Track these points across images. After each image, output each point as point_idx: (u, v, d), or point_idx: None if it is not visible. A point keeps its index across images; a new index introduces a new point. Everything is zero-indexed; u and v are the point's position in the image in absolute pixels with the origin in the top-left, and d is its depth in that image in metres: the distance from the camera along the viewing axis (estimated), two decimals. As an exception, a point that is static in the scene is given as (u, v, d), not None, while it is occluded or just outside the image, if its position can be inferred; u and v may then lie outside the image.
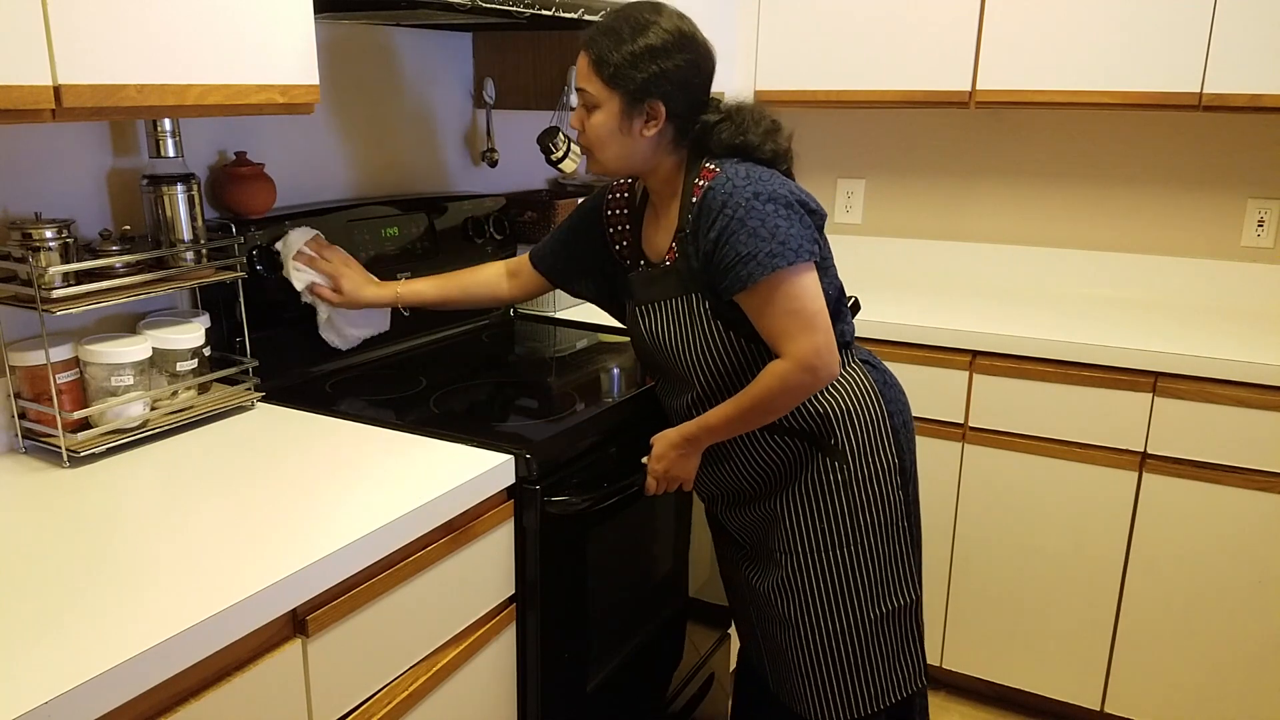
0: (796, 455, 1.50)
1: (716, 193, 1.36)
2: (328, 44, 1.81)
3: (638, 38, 1.36)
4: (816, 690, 1.56)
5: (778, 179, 1.39)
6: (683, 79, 1.38)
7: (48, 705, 0.82)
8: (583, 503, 1.44)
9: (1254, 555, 2.01)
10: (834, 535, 1.50)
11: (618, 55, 1.36)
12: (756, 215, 1.33)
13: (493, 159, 2.19)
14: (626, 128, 1.39)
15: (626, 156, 1.43)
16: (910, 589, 1.56)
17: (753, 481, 1.54)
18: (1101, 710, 2.24)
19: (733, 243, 1.34)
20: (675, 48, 1.37)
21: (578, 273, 1.69)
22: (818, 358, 1.36)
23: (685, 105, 1.40)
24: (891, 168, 2.81)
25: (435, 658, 1.30)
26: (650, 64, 1.35)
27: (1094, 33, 2.18)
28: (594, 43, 1.38)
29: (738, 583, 1.67)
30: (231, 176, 1.62)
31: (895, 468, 1.52)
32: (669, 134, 1.42)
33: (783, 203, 1.35)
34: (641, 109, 1.38)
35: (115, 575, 1.02)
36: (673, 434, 1.49)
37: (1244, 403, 1.96)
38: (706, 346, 1.44)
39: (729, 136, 1.41)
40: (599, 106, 1.39)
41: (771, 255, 1.32)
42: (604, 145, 1.42)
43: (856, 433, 1.48)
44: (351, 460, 1.35)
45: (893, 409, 1.53)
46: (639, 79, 1.36)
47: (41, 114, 1.06)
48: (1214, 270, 2.46)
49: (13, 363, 1.35)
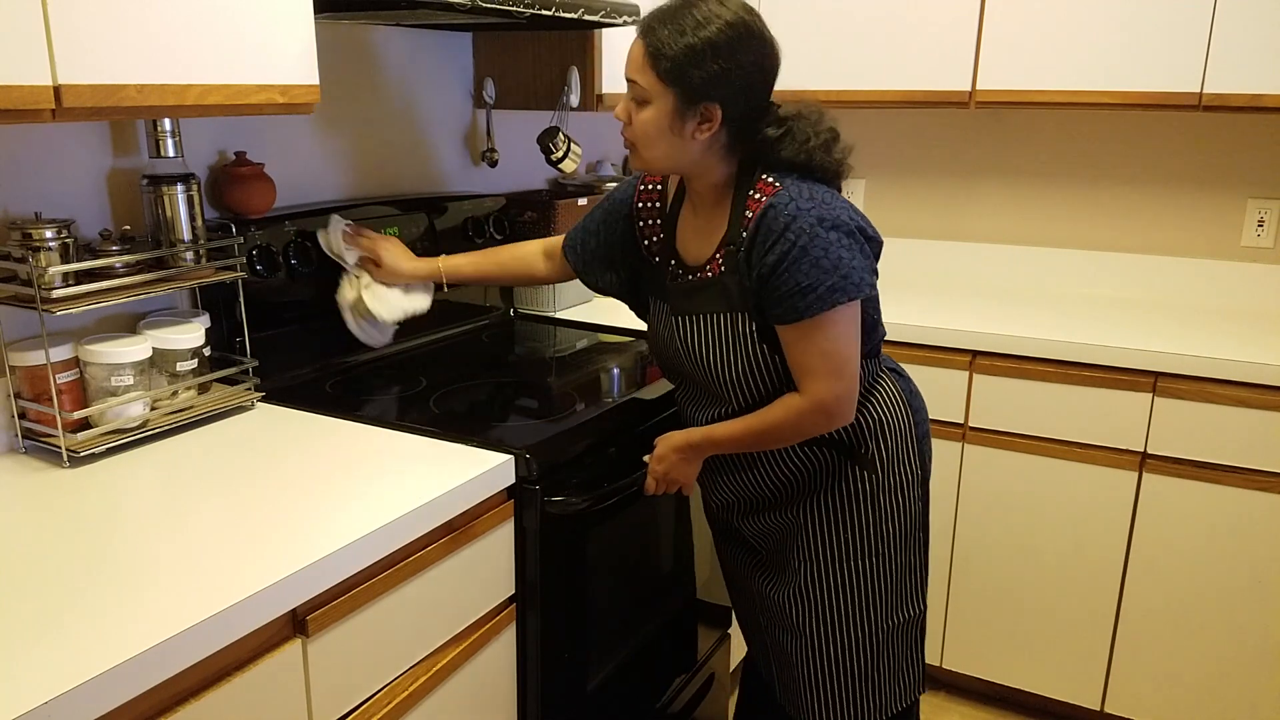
0: (825, 464, 1.47)
1: (779, 213, 1.27)
2: (328, 44, 1.81)
3: (700, 30, 1.23)
4: (823, 701, 1.55)
5: (840, 203, 1.31)
6: (745, 81, 1.27)
7: (48, 705, 0.82)
8: (583, 503, 1.44)
9: (1254, 555, 2.01)
10: (856, 545, 1.48)
11: (676, 48, 1.23)
12: (820, 244, 1.25)
13: (493, 159, 2.19)
14: (678, 128, 1.28)
15: (674, 157, 1.32)
16: (920, 600, 1.55)
17: (775, 489, 1.51)
18: (1101, 710, 2.24)
19: (793, 271, 1.26)
20: (740, 46, 1.25)
21: (604, 266, 1.61)
22: (836, 405, 1.33)
23: (744, 110, 1.30)
24: (891, 168, 2.81)
25: (435, 658, 1.30)
26: (711, 62, 1.24)
27: (1094, 33, 2.18)
28: (651, 31, 1.26)
29: (748, 590, 1.64)
30: (231, 176, 1.62)
31: (919, 478, 1.50)
32: (722, 139, 1.31)
33: (846, 231, 1.28)
34: (696, 110, 1.27)
35: (115, 575, 1.02)
36: (677, 437, 1.47)
37: (1244, 403, 1.96)
38: (747, 367, 1.38)
39: (790, 154, 1.31)
40: (649, 102, 1.28)
41: (833, 290, 1.26)
42: (651, 143, 1.31)
43: (886, 442, 1.46)
44: (351, 460, 1.35)
45: (918, 418, 1.51)
46: (697, 78, 1.24)
47: (41, 114, 1.06)
48: (1214, 270, 2.46)
49: (13, 363, 1.35)
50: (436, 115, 2.11)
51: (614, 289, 1.63)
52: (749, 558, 1.63)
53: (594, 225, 1.61)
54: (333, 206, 1.79)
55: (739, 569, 1.66)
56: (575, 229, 1.65)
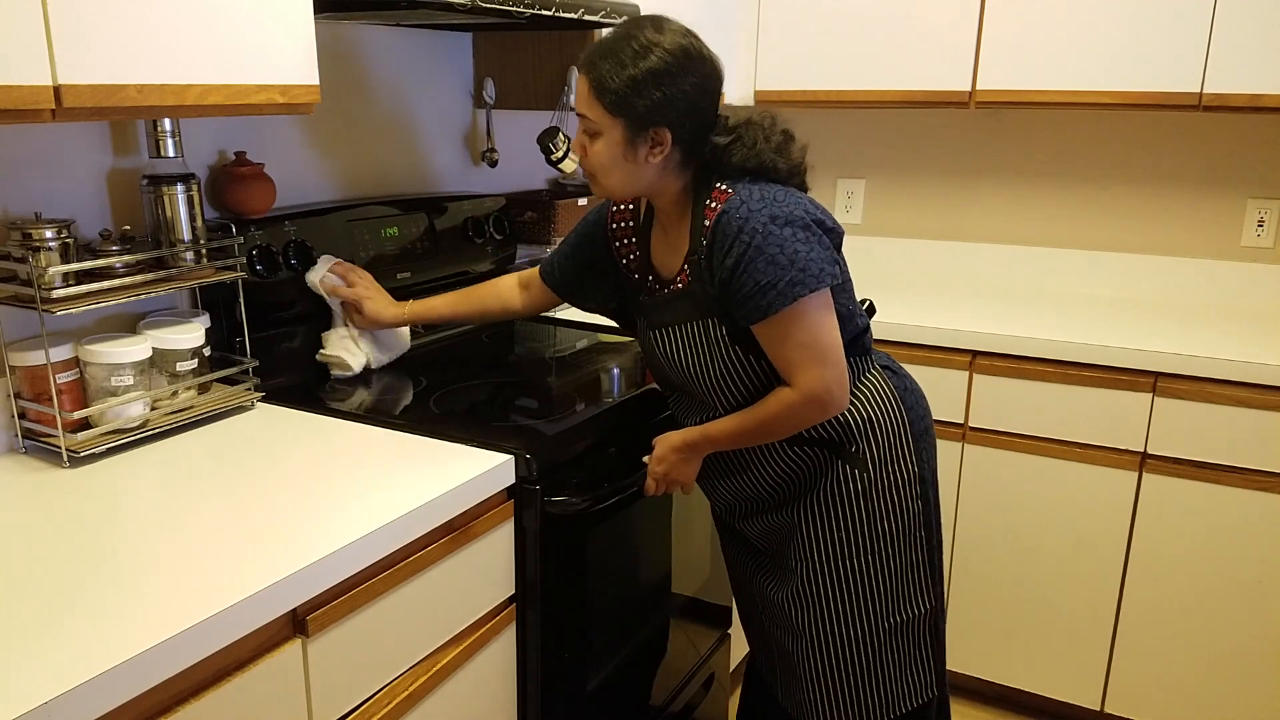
0: (816, 463, 1.48)
1: (732, 216, 1.31)
2: (328, 44, 1.81)
3: (640, 61, 1.28)
4: (825, 701, 1.55)
5: (793, 197, 1.34)
6: (689, 103, 1.31)
7: (48, 705, 0.82)
8: (583, 503, 1.44)
9: (1254, 555, 2.01)
10: (851, 544, 1.48)
11: (618, 81, 1.28)
12: (775, 241, 1.29)
13: (493, 159, 2.19)
14: (631, 155, 1.33)
15: (631, 181, 1.37)
16: (925, 598, 1.54)
17: (771, 490, 1.52)
18: (1101, 710, 2.24)
19: (751, 271, 1.29)
20: (680, 70, 1.29)
21: (587, 286, 1.66)
22: (827, 393, 1.34)
23: (693, 129, 1.34)
24: (891, 168, 2.81)
25: (435, 658, 1.30)
26: (654, 90, 1.28)
27: (1094, 33, 2.18)
28: (593, 66, 1.31)
29: (751, 591, 1.65)
30: (231, 176, 1.62)
31: (915, 476, 1.50)
32: (675, 157, 1.36)
33: (800, 225, 1.31)
34: (646, 136, 1.32)
35: (115, 575, 1.02)
36: (675, 437, 1.48)
37: (1244, 403, 1.96)
38: (726, 371, 1.41)
39: (741, 159, 1.35)
40: (601, 133, 1.33)
41: (792, 284, 1.28)
42: (608, 171, 1.36)
43: (876, 440, 1.47)
44: (351, 460, 1.35)
45: (913, 416, 1.51)
46: (642, 106, 1.29)
47: (41, 114, 1.06)
48: (1214, 270, 2.46)
49: (13, 363, 1.35)
50: (436, 115, 2.11)
51: (600, 308, 1.69)
52: (752, 560, 1.63)
53: (569, 249, 1.66)
54: (333, 206, 1.79)
55: (743, 571, 1.66)
56: (551, 255, 1.70)
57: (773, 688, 1.68)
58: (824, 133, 2.87)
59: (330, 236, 1.75)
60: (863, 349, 1.49)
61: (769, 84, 2.55)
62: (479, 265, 2.10)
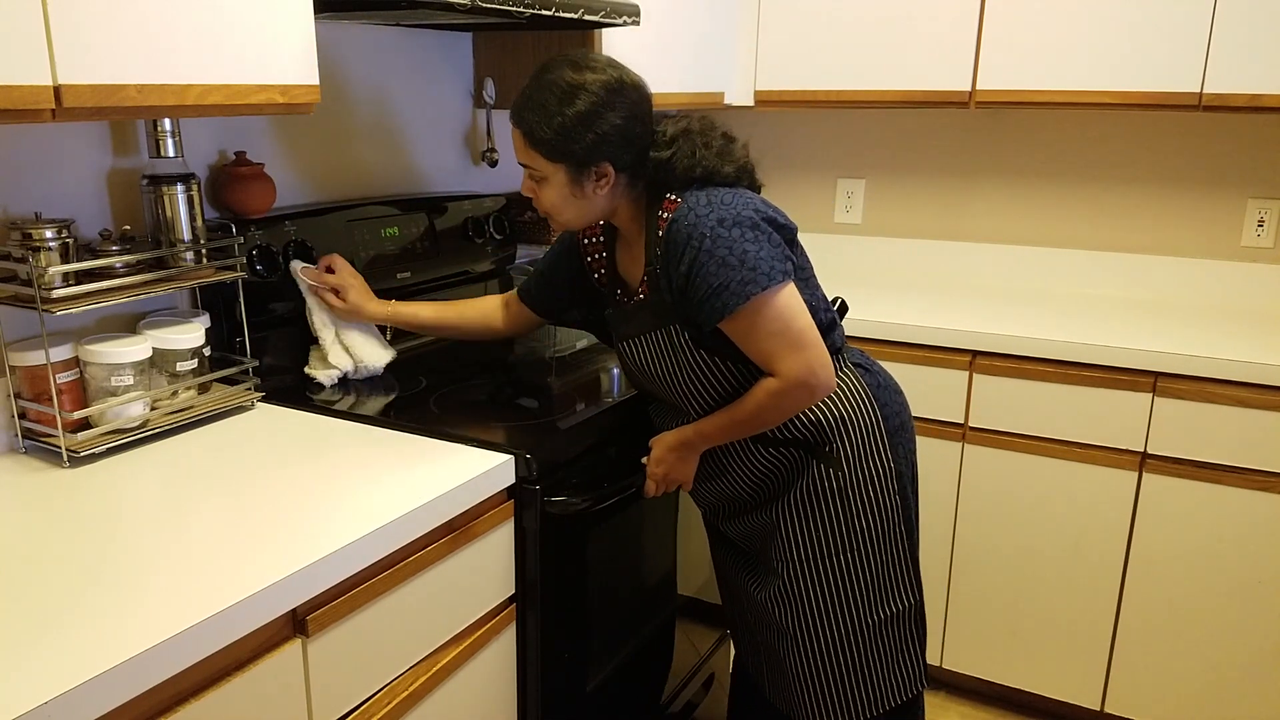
0: (793, 464, 1.50)
1: (680, 224, 1.33)
2: (328, 44, 1.81)
3: (565, 107, 1.30)
4: (813, 697, 1.56)
5: (741, 199, 1.35)
6: (622, 135, 1.34)
7: (48, 705, 0.82)
8: (583, 503, 1.44)
9: (1254, 555, 2.01)
10: (830, 542, 1.50)
11: (549, 130, 1.31)
12: (724, 243, 1.31)
13: (493, 159, 2.19)
14: (579, 192, 1.37)
15: (585, 214, 1.41)
16: (909, 593, 1.55)
17: (751, 491, 1.54)
18: (1101, 710, 2.24)
19: (704, 275, 1.32)
20: (607, 106, 1.31)
21: (565, 304, 1.69)
22: (812, 375, 1.35)
23: (632, 155, 1.37)
24: (891, 168, 2.81)
25: (435, 658, 1.30)
26: (586, 132, 1.31)
27: (1094, 33, 2.18)
28: (521, 118, 1.34)
29: (736, 591, 1.66)
30: (231, 176, 1.62)
31: (891, 472, 1.51)
32: (623, 182, 1.39)
33: (748, 224, 1.33)
34: (590, 173, 1.35)
35: (115, 575, 1.02)
36: (670, 437, 1.49)
37: (1244, 403, 1.96)
38: (694, 375, 1.43)
39: (684, 169, 1.37)
40: (546, 179, 1.37)
41: (744, 283, 1.30)
42: (560, 210, 1.40)
43: (851, 439, 1.48)
44: (351, 460, 1.35)
45: (887, 412, 1.52)
46: (579, 149, 1.32)
47: (41, 114, 1.06)
48: (1214, 270, 2.46)
49: (13, 363, 1.35)
50: (436, 115, 2.11)
51: (581, 322, 1.72)
52: (737, 560, 1.64)
53: (545, 268, 1.69)
54: (333, 206, 1.80)
55: (729, 571, 1.67)
56: (529, 278, 1.72)
57: (761, 686, 1.68)
58: (824, 133, 2.87)
59: (330, 236, 1.75)
60: (833, 347, 1.50)
61: (769, 84, 2.55)
62: (479, 265, 2.10)
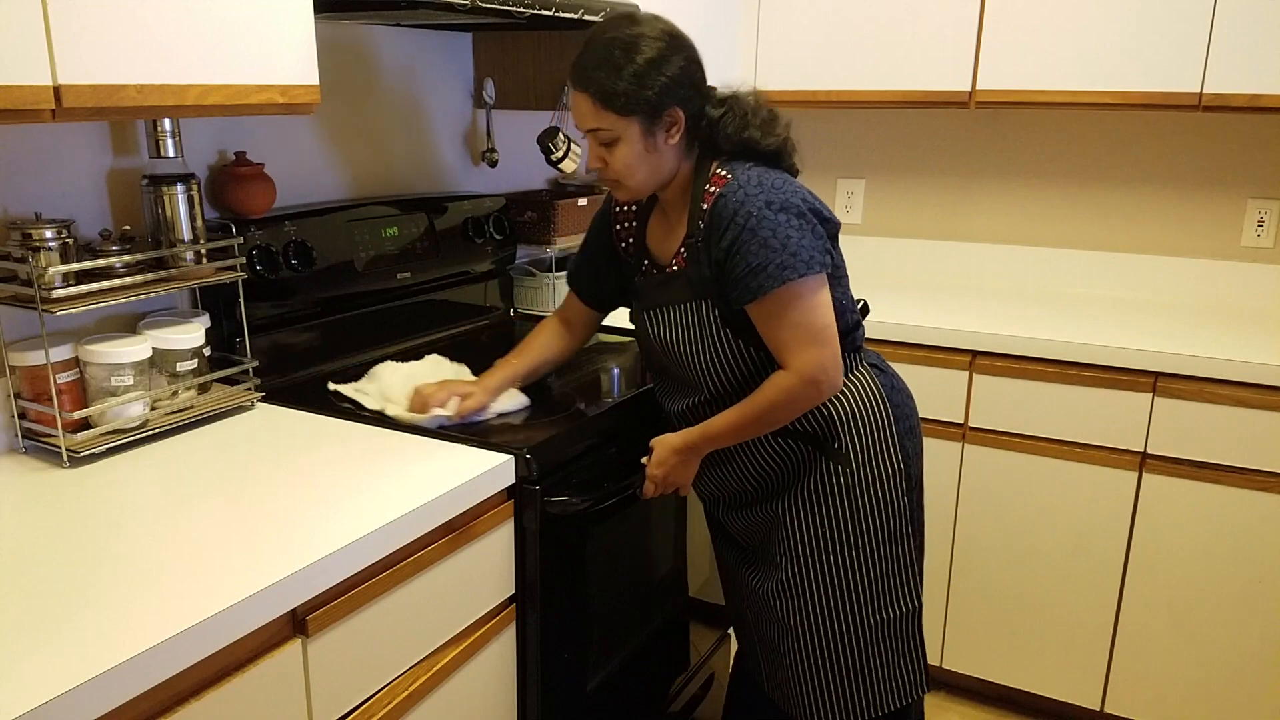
0: (800, 458, 1.49)
1: (729, 200, 1.34)
2: (328, 44, 1.81)
3: (635, 56, 1.32)
4: (812, 696, 1.56)
5: (790, 185, 1.37)
6: (689, 78, 1.37)
7: (48, 705, 0.82)
8: (583, 503, 1.44)
9: (1254, 555, 2.01)
10: (835, 539, 1.49)
11: (623, 82, 1.32)
12: (768, 225, 1.32)
13: (493, 159, 2.19)
14: (652, 145, 1.37)
15: (655, 174, 1.41)
16: (911, 597, 1.55)
17: (755, 483, 1.53)
18: (1101, 710, 2.24)
19: (744, 253, 1.33)
20: (671, 49, 1.34)
21: (611, 284, 1.65)
22: (822, 372, 1.35)
23: (697, 103, 1.39)
24: (891, 168, 2.81)
25: (435, 658, 1.30)
26: (658, 76, 1.33)
27: (1094, 33, 2.18)
28: (589, 80, 1.34)
29: (737, 585, 1.66)
30: (231, 176, 1.62)
31: (900, 473, 1.50)
32: (684, 135, 1.40)
33: (795, 212, 1.34)
34: (662, 121, 1.36)
35: (115, 575, 1.02)
36: (674, 439, 1.48)
37: (1244, 403, 1.96)
38: (716, 354, 1.43)
39: (734, 130, 1.39)
40: (618, 138, 1.36)
41: (782, 267, 1.31)
42: (633, 172, 1.39)
43: (861, 437, 1.48)
44: (351, 460, 1.35)
45: (899, 414, 1.52)
46: (652, 95, 1.33)
47: (41, 114, 1.06)
48: (1214, 270, 2.46)
49: (13, 363, 1.35)
50: (436, 115, 2.11)
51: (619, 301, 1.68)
52: (738, 554, 1.64)
53: (586, 252, 1.67)
54: (333, 206, 1.79)
55: (730, 565, 1.67)
56: (572, 267, 1.70)
57: (761, 683, 1.68)
58: (824, 133, 2.87)
59: (330, 236, 1.75)
60: (853, 345, 1.51)
61: (769, 84, 2.55)
62: (479, 265, 2.10)
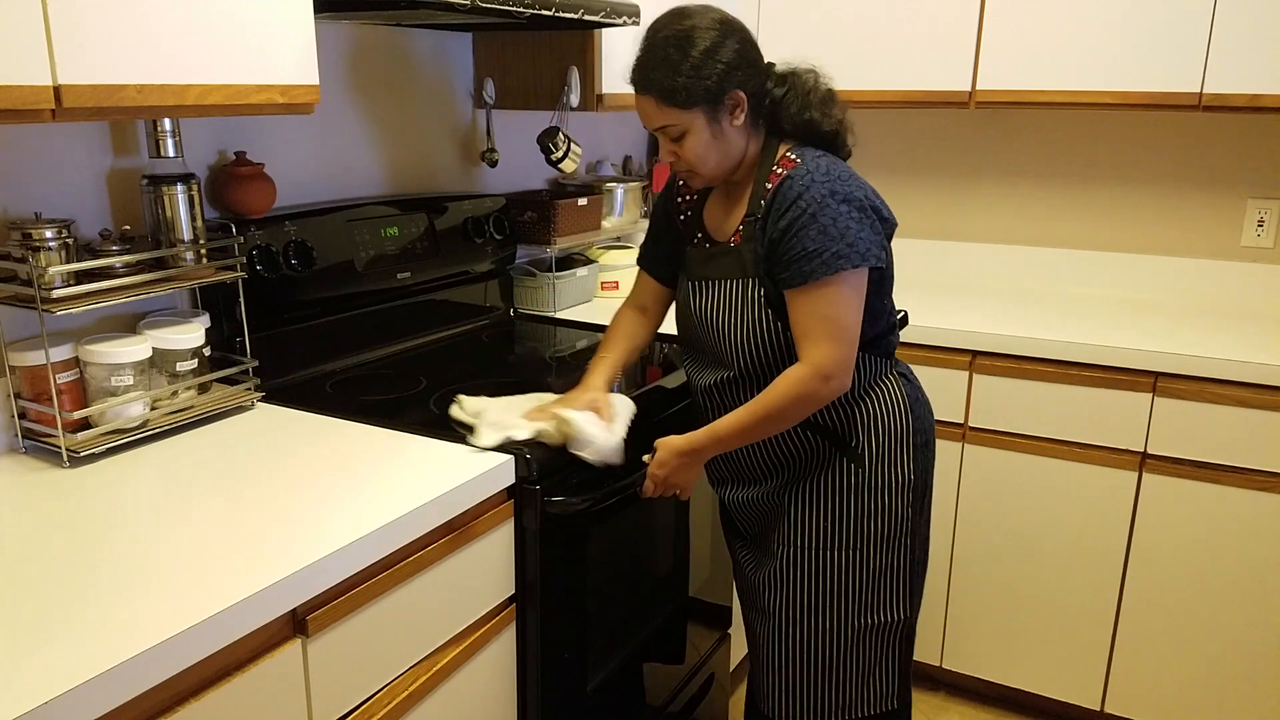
0: (814, 451, 1.50)
1: (794, 183, 1.36)
2: (328, 44, 1.81)
3: (689, 50, 1.34)
4: (782, 689, 1.56)
5: (855, 180, 1.39)
6: (746, 59, 1.37)
7: (48, 705, 0.82)
8: (583, 503, 1.43)
9: (1254, 555, 2.01)
10: (834, 536, 1.50)
11: (681, 78, 1.34)
12: (830, 213, 1.33)
13: (493, 159, 2.19)
14: (719, 131, 1.39)
15: (726, 158, 1.42)
16: (900, 607, 1.54)
17: (766, 468, 1.54)
18: (1101, 710, 2.24)
19: (801, 236, 1.34)
20: (724, 35, 1.35)
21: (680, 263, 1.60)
22: (835, 369, 1.36)
23: (758, 82, 1.40)
24: (892, 167, 2.81)
25: (435, 658, 1.30)
26: (714, 64, 1.34)
27: (1094, 33, 2.18)
28: (649, 82, 1.37)
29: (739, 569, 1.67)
30: (231, 176, 1.62)
31: (909, 483, 1.51)
32: (749, 115, 1.41)
33: (857, 205, 1.35)
34: (725, 105, 1.37)
35: (115, 575, 1.02)
36: (679, 441, 1.48)
37: (1244, 403, 1.96)
38: (752, 332, 1.44)
39: (796, 111, 1.41)
40: (687, 131, 1.38)
41: (837, 256, 1.33)
42: (705, 159, 1.41)
43: (879, 441, 1.48)
44: (351, 460, 1.35)
45: (919, 425, 1.52)
46: (711, 84, 1.35)
47: (41, 114, 1.06)
48: (1214, 270, 2.46)
49: (13, 363, 1.35)
50: (436, 115, 2.11)
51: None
52: (741, 543, 1.65)
53: (653, 230, 1.67)
54: (333, 206, 1.79)
55: (733, 549, 1.68)
56: (643, 247, 1.69)
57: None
58: (824, 133, 2.86)
59: (330, 236, 1.75)
60: (886, 350, 1.51)
61: (769, 84, 2.55)
62: (479, 265, 2.10)
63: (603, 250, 2.48)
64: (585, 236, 2.34)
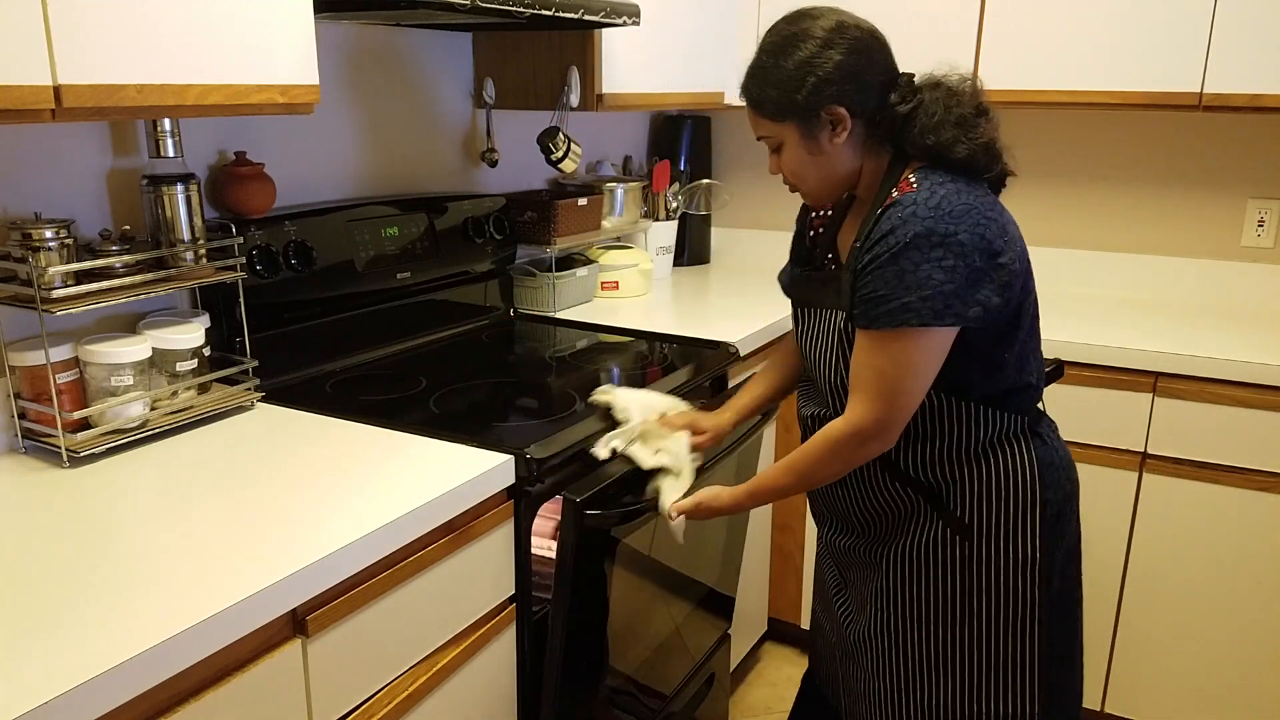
0: (909, 509, 1.36)
1: (894, 213, 1.21)
2: (328, 44, 1.81)
3: (783, 60, 1.26)
4: None
5: (973, 218, 1.20)
6: (848, 72, 1.25)
7: (48, 705, 0.82)
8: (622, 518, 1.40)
9: (1254, 555, 2.01)
10: (938, 612, 1.36)
11: (771, 89, 1.27)
12: (914, 257, 1.18)
13: (493, 159, 2.19)
14: (815, 148, 1.28)
15: (829, 176, 1.31)
16: (1022, 701, 1.35)
17: (860, 518, 1.43)
18: (1101, 710, 2.24)
19: (875, 276, 1.21)
20: (826, 45, 1.25)
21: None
22: (875, 428, 1.24)
23: (867, 97, 1.27)
24: (891, 168, 2.81)
25: (435, 658, 1.30)
26: (807, 76, 1.25)
27: (1094, 33, 2.18)
28: (746, 89, 1.32)
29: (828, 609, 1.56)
30: (231, 176, 1.62)
31: (1033, 561, 1.32)
32: (860, 133, 1.29)
33: (956, 251, 1.18)
34: (821, 121, 1.27)
35: (115, 575, 1.02)
36: (723, 501, 1.38)
37: (1244, 403, 1.96)
38: (836, 363, 1.34)
39: (920, 132, 1.26)
40: (782, 142, 1.31)
41: (905, 309, 1.18)
42: (803, 175, 1.32)
43: (993, 510, 1.32)
44: (351, 460, 1.35)
45: (1049, 495, 1.33)
46: (801, 98, 1.25)
47: (41, 114, 1.06)
48: (1214, 270, 2.46)
49: (13, 363, 1.35)
50: (436, 115, 2.11)
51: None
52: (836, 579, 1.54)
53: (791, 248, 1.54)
54: (333, 206, 1.80)
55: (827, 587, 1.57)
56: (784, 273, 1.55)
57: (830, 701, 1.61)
58: (824, 133, 2.86)
59: (330, 236, 1.75)
60: (1015, 407, 1.33)
61: (769, 84, 2.55)
62: (479, 265, 2.10)
63: (603, 250, 2.48)
64: (585, 236, 2.34)
